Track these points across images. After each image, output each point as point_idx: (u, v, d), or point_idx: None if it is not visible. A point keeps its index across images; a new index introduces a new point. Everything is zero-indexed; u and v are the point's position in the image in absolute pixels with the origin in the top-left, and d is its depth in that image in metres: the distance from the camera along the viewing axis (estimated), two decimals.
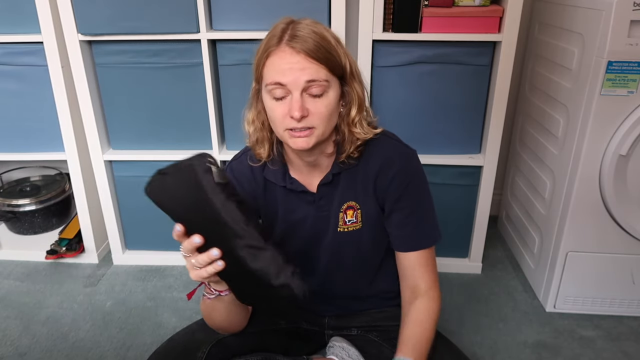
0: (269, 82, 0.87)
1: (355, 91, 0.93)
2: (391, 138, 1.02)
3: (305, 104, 0.86)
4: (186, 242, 0.83)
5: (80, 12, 1.49)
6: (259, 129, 0.96)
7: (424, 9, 1.44)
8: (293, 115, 0.86)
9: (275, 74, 0.86)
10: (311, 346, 1.16)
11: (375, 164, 0.99)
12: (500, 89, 1.51)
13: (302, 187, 1.01)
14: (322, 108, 0.88)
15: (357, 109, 0.94)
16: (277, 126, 0.91)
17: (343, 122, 0.95)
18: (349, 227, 1.03)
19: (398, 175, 0.99)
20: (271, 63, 0.86)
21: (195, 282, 0.90)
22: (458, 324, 1.52)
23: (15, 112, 1.69)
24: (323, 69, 0.86)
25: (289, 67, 0.85)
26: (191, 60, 1.55)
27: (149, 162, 1.69)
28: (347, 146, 0.96)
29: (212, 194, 0.79)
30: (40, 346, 1.45)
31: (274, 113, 0.89)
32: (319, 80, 0.86)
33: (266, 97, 0.90)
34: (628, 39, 1.24)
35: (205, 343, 0.99)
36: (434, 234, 1.06)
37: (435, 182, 1.63)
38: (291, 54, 0.85)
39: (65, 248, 1.82)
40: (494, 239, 1.96)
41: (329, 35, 0.88)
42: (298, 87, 0.85)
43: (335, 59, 0.88)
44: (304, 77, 0.85)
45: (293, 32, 0.86)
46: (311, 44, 0.85)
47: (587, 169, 1.37)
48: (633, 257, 1.46)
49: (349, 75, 0.92)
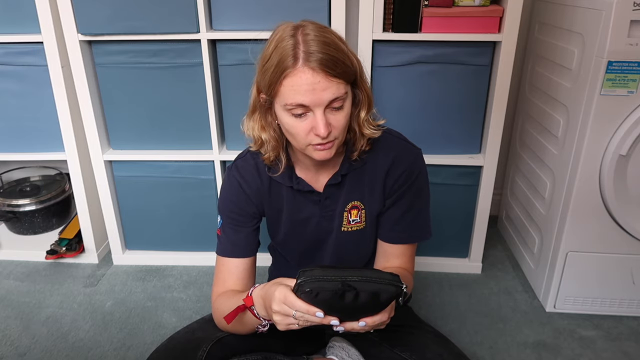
0: (290, 102, 0.85)
1: (365, 92, 0.93)
2: (397, 137, 1.04)
3: (328, 120, 0.86)
4: (320, 320, 0.81)
5: (80, 12, 1.49)
6: (272, 137, 0.95)
7: (424, 9, 1.44)
8: (319, 133, 0.86)
9: (296, 95, 0.84)
10: (311, 346, 1.16)
11: (385, 162, 1.00)
12: (500, 89, 1.51)
13: (309, 187, 1.01)
14: (342, 120, 0.88)
15: (366, 110, 0.95)
16: (299, 142, 0.90)
17: (354, 122, 0.95)
18: (352, 226, 1.04)
19: (406, 174, 1.00)
20: (290, 84, 0.84)
21: (234, 305, 0.93)
22: (458, 324, 1.52)
23: (15, 112, 1.69)
24: (342, 83, 0.85)
25: (311, 88, 0.83)
26: (191, 60, 1.55)
27: (149, 162, 1.69)
28: (359, 144, 0.97)
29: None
30: (40, 346, 1.44)
31: (295, 130, 0.88)
32: (340, 95, 0.86)
33: (284, 114, 0.88)
34: (628, 39, 1.24)
35: (205, 342, 0.99)
36: (427, 231, 1.08)
37: (435, 182, 1.63)
38: (312, 75, 0.82)
39: (65, 248, 1.82)
40: (494, 239, 1.96)
41: (339, 42, 0.87)
42: (321, 106, 0.85)
43: (350, 68, 0.87)
44: (327, 97, 0.84)
45: (307, 49, 0.83)
46: (328, 60, 0.83)
47: (587, 169, 1.37)
48: (633, 257, 1.46)
49: (359, 77, 0.92)
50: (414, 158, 1.02)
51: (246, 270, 1.04)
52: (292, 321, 0.82)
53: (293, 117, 0.87)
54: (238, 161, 1.06)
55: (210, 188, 1.71)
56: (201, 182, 1.71)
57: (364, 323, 0.81)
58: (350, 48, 0.90)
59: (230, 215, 1.04)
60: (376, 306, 0.81)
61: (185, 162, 1.69)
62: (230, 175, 1.05)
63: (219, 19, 1.51)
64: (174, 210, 1.76)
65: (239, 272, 1.03)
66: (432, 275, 1.75)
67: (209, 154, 1.67)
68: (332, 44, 0.85)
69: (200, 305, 1.61)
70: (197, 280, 1.74)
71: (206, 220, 1.75)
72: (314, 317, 0.80)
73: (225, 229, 1.05)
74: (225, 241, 1.05)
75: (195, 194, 1.73)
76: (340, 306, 0.79)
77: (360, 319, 0.82)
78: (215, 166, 1.68)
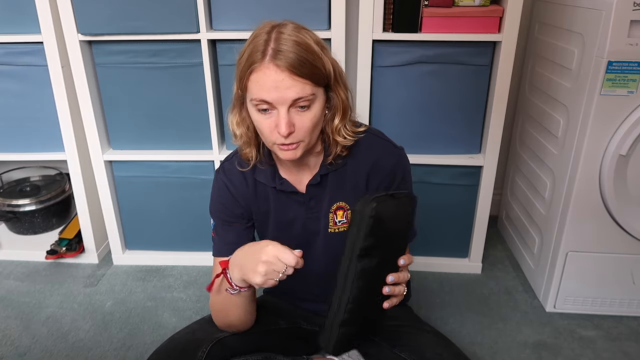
0: (254, 97, 0.86)
1: (340, 97, 0.92)
2: (379, 137, 1.03)
3: (292, 119, 0.86)
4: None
5: (80, 12, 1.49)
6: (244, 133, 0.96)
7: (424, 9, 1.44)
8: (280, 132, 0.86)
9: (260, 91, 0.84)
10: (311, 346, 1.16)
11: (366, 163, 1.00)
12: (500, 89, 1.51)
13: (292, 188, 1.01)
14: (307, 122, 0.88)
15: (340, 117, 0.93)
16: (266, 139, 0.91)
17: (327, 126, 0.95)
18: (339, 227, 1.04)
19: (389, 175, 1.00)
20: (255, 79, 0.84)
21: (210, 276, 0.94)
22: (458, 324, 1.52)
23: (15, 112, 1.69)
24: (308, 84, 0.85)
25: (275, 85, 0.83)
26: (191, 60, 1.55)
27: (149, 162, 1.69)
28: (333, 148, 0.97)
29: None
30: (40, 346, 1.45)
31: (261, 125, 0.89)
32: (305, 96, 0.85)
33: (252, 109, 0.89)
34: (628, 39, 1.24)
35: (205, 342, 0.99)
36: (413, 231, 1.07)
37: (435, 182, 1.63)
38: (276, 72, 0.83)
39: (65, 248, 1.82)
40: (494, 239, 1.96)
41: (313, 44, 0.86)
42: (284, 104, 0.85)
43: (320, 71, 0.86)
44: (290, 95, 0.84)
45: (276, 46, 0.83)
46: (295, 59, 0.82)
47: (587, 169, 1.37)
48: (633, 257, 1.46)
49: (333, 81, 0.91)
50: (397, 159, 1.01)
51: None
52: (277, 275, 0.83)
53: (259, 113, 0.87)
54: (225, 163, 1.06)
55: (210, 188, 1.70)
56: (201, 182, 1.71)
57: (404, 260, 0.86)
58: (328, 52, 0.90)
59: (221, 216, 1.05)
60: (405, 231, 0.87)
61: (185, 162, 1.69)
62: (218, 178, 1.06)
63: (219, 19, 1.51)
64: (174, 210, 1.76)
65: None
66: (432, 275, 1.75)
67: (209, 154, 1.67)
68: (303, 44, 0.84)
69: (200, 305, 1.61)
70: (197, 280, 1.74)
71: (206, 220, 1.74)
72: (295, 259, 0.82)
73: (218, 230, 1.06)
74: (219, 242, 1.06)
75: (195, 194, 1.73)
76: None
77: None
78: (215, 166, 1.68)
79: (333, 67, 0.90)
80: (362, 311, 0.88)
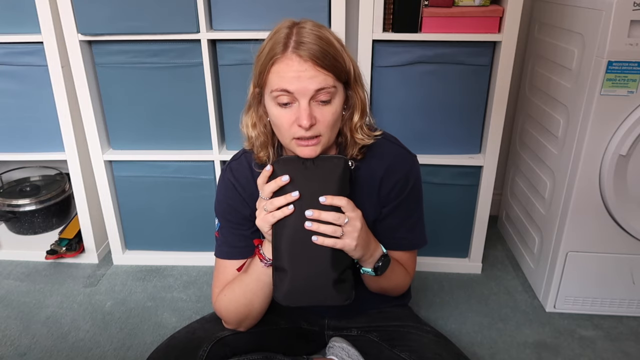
0: (275, 88, 0.85)
1: (359, 96, 0.93)
2: (393, 142, 1.03)
3: (313, 112, 0.86)
4: (274, 182, 0.89)
5: (80, 12, 1.49)
6: (262, 133, 0.95)
7: (424, 9, 1.44)
8: (302, 124, 0.85)
9: (281, 81, 0.84)
10: (311, 346, 1.16)
11: (379, 168, 0.99)
12: (500, 89, 1.51)
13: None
14: (328, 116, 0.88)
15: (359, 114, 0.94)
16: (283, 134, 0.90)
17: (345, 126, 0.95)
18: None
19: (402, 180, 1.00)
20: (277, 70, 0.85)
21: (244, 257, 1.02)
22: (458, 324, 1.52)
23: (15, 112, 1.69)
24: (330, 76, 0.85)
25: (297, 75, 0.83)
26: (191, 60, 1.55)
27: (149, 162, 1.69)
28: (350, 150, 0.96)
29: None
30: (40, 346, 1.45)
31: (279, 121, 0.88)
32: (327, 87, 0.85)
33: (270, 103, 0.89)
34: (628, 39, 1.24)
35: (206, 342, 0.99)
36: (424, 238, 1.09)
37: (435, 182, 1.63)
38: (299, 62, 0.83)
39: (65, 248, 1.82)
40: (494, 239, 1.96)
41: (334, 40, 0.88)
42: (306, 95, 0.85)
43: (341, 65, 0.87)
44: (312, 86, 0.84)
45: (298, 39, 0.84)
46: (318, 51, 0.83)
47: (587, 169, 1.37)
48: (633, 257, 1.46)
49: (352, 79, 0.91)
50: (410, 166, 1.02)
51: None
52: (264, 209, 0.89)
53: (279, 106, 0.87)
54: (232, 163, 1.05)
55: (210, 188, 1.71)
56: (201, 182, 1.71)
57: (324, 199, 0.87)
58: (348, 51, 0.91)
59: (227, 217, 1.04)
60: (333, 180, 0.90)
61: (185, 162, 1.69)
62: (225, 178, 1.04)
63: (219, 19, 1.51)
64: (174, 210, 1.76)
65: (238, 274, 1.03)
66: (432, 275, 1.75)
67: (209, 154, 1.67)
68: (325, 38, 0.86)
69: (200, 305, 1.61)
70: (197, 280, 1.74)
71: (206, 220, 1.75)
72: (272, 184, 0.88)
73: (223, 231, 1.05)
74: (223, 243, 1.05)
75: (195, 194, 1.73)
76: (301, 173, 0.89)
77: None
78: (215, 166, 1.68)
79: (352, 66, 0.91)
80: (297, 254, 0.89)
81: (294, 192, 0.87)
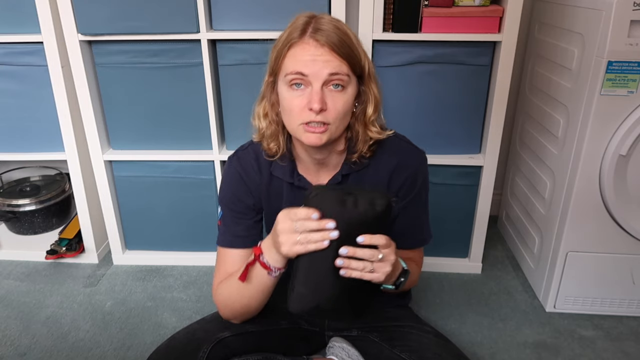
0: (290, 71, 0.86)
1: (372, 91, 0.94)
2: (404, 140, 1.04)
3: (325, 98, 0.86)
4: (317, 223, 0.83)
5: (80, 12, 1.49)
6: (273, 121, 0.96)
7: (424, 9, 1.44)
8: (312, 107, 0.85)
9: (297, 63, 0.86)
10: (311, 346, 1.16)
11: (389, 165, 1.00)
12: (500, 89, 1.51)
13: (309, 184, 1.01)
14: (339, 104, 0.88)
15: (373, 109, 0.94)
16: (293, 118, 0.90)
17: (358, 121, 0.95)
18: None
19: (411, 178, 1.00)
20: (293, 54, 0.86)
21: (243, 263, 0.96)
22: (458, 324, 1.52)
23: (15, 112, 1.69)
24: (345, 64, 0.86)
25: (313, 58, 0.85)
26: (191, 60, 1.55)
27: (149, 162, 1.69)
28: (360, 145, 0.96)
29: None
30: (40, 346, 1.45)
31: (291, 104, 0.88)
32: (342, 74, 0.86)
33: (283, 88, 0.89)
34: (628, 39, 1.24)
35: (206, 343, 0.99)
36: (430, 232, 1.10)
37: (435, 182, 1.63)
38: (315, 46, 0.85)
39: (65, 248, 1.82)
40: (494, 239, 1.96)
41: (351, 33, 0.89)
42: (320, 79, 0.85)
43: (357, 57, 0.89)
44: (326, 70, 0.85)
45: (316, 26, 0.86)
46: (335, 38, 0.85)
47: (587, 169, 1.37)
48: (633, 257, 1.46)
49: (367, 75, 0.92)
50: (419, 162, 1.03)
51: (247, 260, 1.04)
52: (295, 236, 0.83)
53: (291, 90, 0.88)
54: (240, 152, 1.06)
55: (210, 188, 1.71)
56: (201, 182, 1.71)
57: (363, 238, 0.83)
58: (363, 47, 0.92)
59: (230, 206, 1.04)
60: (373, 220, 0.85)
61: (185, 162, 1.69)
62: (231, 166, 1.05)
63: (219, 19, 1.51)
64: (174, 210, 1.76)
65: (240, 263, 1.02)
66: (432, 275, 1.75)
67: (209, 154, 1.67)
68: (342, 29, 0.87)
69: (200, 305, 1.61)
70: (197, 280, 1.74)
71: (206, 220, 1.75)
72: (313, 223, 0.82)
73: (226, 220, 1.05)
74: (226, 232, 1.05)
75: (195, 194, 1.73)
76: (340, 212, 0.83)
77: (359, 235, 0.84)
78: (215, 166, 1.68)
79: (367, 63, 0.92)
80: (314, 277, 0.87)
81: (334, 232, 0.82)
